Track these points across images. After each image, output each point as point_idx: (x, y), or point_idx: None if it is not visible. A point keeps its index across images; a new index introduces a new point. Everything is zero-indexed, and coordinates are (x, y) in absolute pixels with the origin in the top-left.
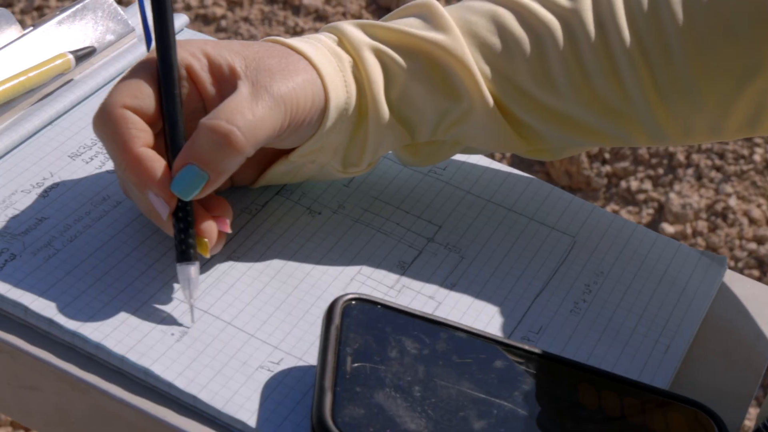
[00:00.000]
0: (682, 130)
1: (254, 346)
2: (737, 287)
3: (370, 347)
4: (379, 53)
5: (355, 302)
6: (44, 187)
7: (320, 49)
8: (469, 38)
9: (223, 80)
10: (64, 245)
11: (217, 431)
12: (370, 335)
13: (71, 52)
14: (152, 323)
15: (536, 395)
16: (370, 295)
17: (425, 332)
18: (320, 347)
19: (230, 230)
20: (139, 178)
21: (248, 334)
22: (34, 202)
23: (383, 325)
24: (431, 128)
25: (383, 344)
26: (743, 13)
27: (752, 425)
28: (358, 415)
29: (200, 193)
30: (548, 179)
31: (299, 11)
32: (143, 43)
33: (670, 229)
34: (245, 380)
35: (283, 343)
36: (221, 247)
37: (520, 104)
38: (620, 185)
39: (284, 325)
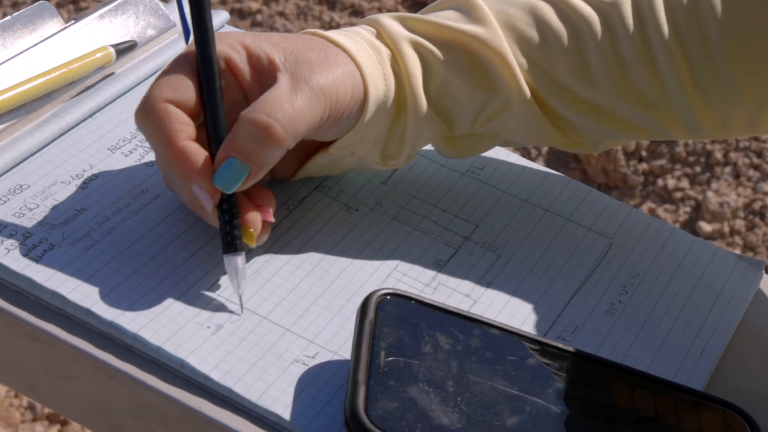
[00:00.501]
0: (719, 123)
1: (289, 340)
2: None
3: (403, 342)
4: (417, 46)
5: (389, 297)
6: (83, 178)
7: (359, 41)
8: (507, 31)
9: (262, 72)
10: (102, 236)
11: (251, 423)
12: (403, 330)
13: (112, 45)
14: (189, 315)
15: (569, 393)
16: (404, 290)
17: (459, 328)
18: (354, 341)
19: (273, 219)
20: (183, 171)
21: (284, 328)
22: (73, 193)
23: (417, 320)
24: (469, 121)
25: (417, 339)
26: None
27: None
28: (391, 408)
29: (242, 185)
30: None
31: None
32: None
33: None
34: (280, 373)
35: (318, 337)
36: (266, 236)
37: (557, 97)
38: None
39: (320, 319)
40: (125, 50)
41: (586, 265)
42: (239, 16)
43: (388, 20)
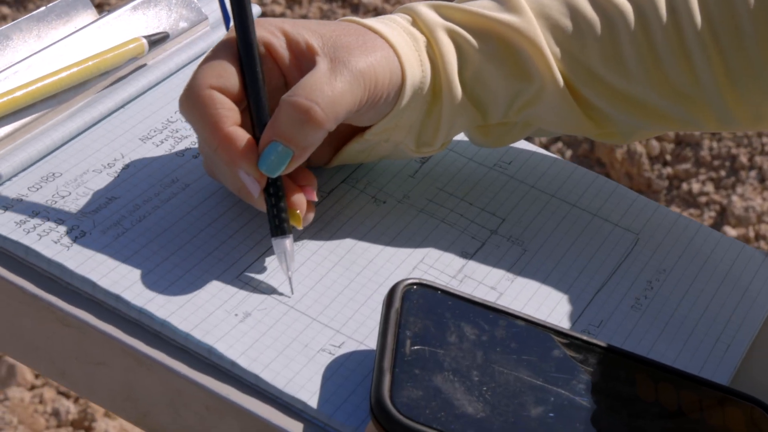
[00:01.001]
0: (752, 115)
1: (316, 329)
2: None
3: (429, 331)
4: (452, 34)
5: (415, 287)
6: (115, 167)
7: (396, 28)
8: (541, 20)
9: (301, 57)
10: (133, 225)
11: (277, 410)
12: (429, 320)
13: (145, 37)
14: (217, 303)
15: (594, 385)
16: (430, 280)
17: (484, 319)
18: (380, 330)
19: (317, 198)
20: (230, 157)
21: (311, 317)
22: (104, 182)
23: (443, 310)
24: (503, 109)
25: (442, 329)
26: None
27: None
28: (416, 396)
29: (287, 168)
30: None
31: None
32: (216, 31)
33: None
34: (307, 362)
35: (345, 327)
36: (312, 216)
37: (590, 87)
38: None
39: (346, 309)
40: (157, 42)
41: (612, 260)
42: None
43: (423, 8)
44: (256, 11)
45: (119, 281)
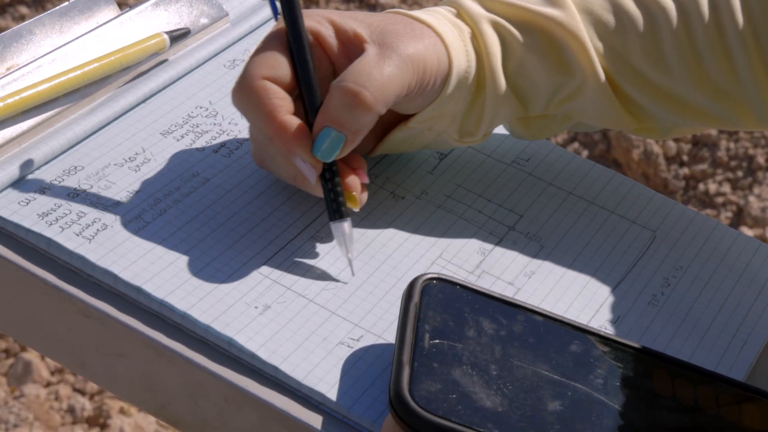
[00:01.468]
0: None
1: (335, 322)
2: None
3: (447, 325)
4: (497, 26)
5: (434, 282)
6: (136, 161)
7: (441, 19)
8: (584, 15)
9: (350, 45)
10: (153, 218)
11: (296, 402)
12: (448, 314)
13: (166, 32)
14: (237, 295)
15: (610, 380)
16: (449, 275)
17: (502, 314)
18: (399, 324)
19: (368, 180)
20: (286, 145)
21: (329, 311)
22: (126, 175)
23: (461, 304)
24: (544, 102)
25: (461, 323)
26: None
27: None
28: (434, 389)
29: (340, 153)
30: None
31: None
32: (236, 27)
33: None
34: (325, 355)
35: (363, 320)
36: (366, 197)
37: (631, 82)
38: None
39: (365, 303)
40: (179, 37)
41: (629, 257)
42: None
43: (468, 1)
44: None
45: (140, 273)
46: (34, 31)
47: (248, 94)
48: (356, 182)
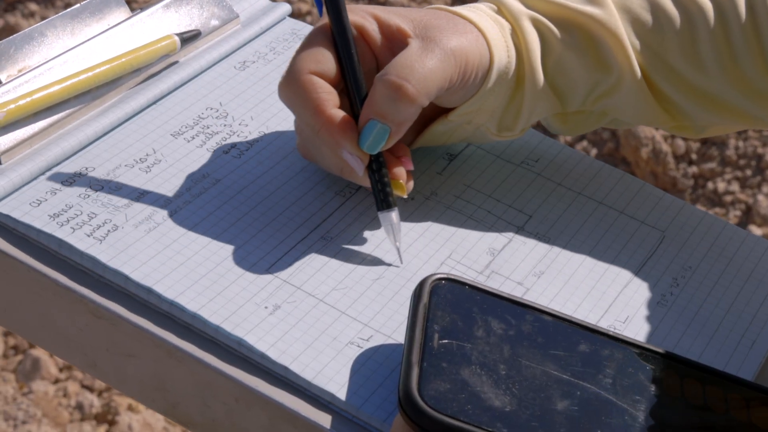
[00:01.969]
0: None
1: (345, 322)
2: None
3: (456, 325)
4: (536, 23)
5: (443, 282)
6: (147, 162)
7: (482, 15)
8: (622, 13)
9: (393, 39)
10: (164, 219)
11: (306, 402)
12: (457, 314)
13: (177, 34)
14: (247, 296)
15: (619, 379)
16: (458, 275)
17: (511, 313)
18: (408, 324)
19: (413, 167)
20: (333, 138)
21: (339, 311)
22: (136, 176)
23: (470, 304)
24: (581, 98)
25: (470, 323)
26: None
27: None
28: (443, 389)
29: (386, 144)
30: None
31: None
32: (247, 29)
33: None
34: (335, 354)
35: (373, 321)
36: (412, 185)
37: (667, 80)
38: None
39: (374, 304)
40: (189, 39)
41: (638, 257)
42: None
43: None
44: (285, 9)
45: (151, 274)
46: (45, 33)
47: (296, 88)
48: (402, 171)
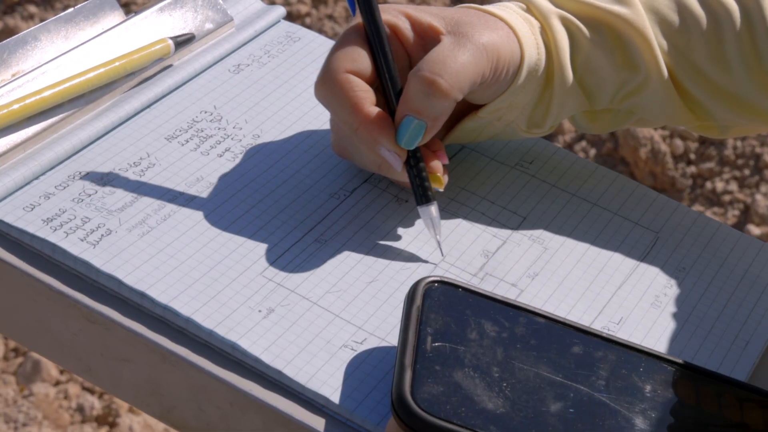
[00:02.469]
0: None
1: (338, 325)
2: None
3: (449, 328)
4: (565, 21)
5: (436, 285)
6: (140, 166)
7: (512, 13)
8: (650, 13)
9: (426, 37)
10: (158, 223)
11: (300, 405)
12: (450, 316)
13: (171, 38)
14: (240, 300)
15: (613, 381)
16: (451, 278)
17: (504, 316)
18: (401, 327)
19: (448, 161)
20: (371, 135)
21: (333, 314)
22: (130, 180)
23: (463, 307)
24: (609, 96)
25: (463, 326)
26: None
27: None
28: (436, 392)
29: (422, 140)
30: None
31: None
32: (241, 32)
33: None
34: (329, 358)
35: (367, 323)
36: (447, 178)
37: (693, 80)
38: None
39: (368, 306)
40: (183, 43)
41: (632, 258)
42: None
43: None
44: (280, 12)
45: (144, 279)
46: (39, 37)
47: (333, 87)
48: (439, 165)
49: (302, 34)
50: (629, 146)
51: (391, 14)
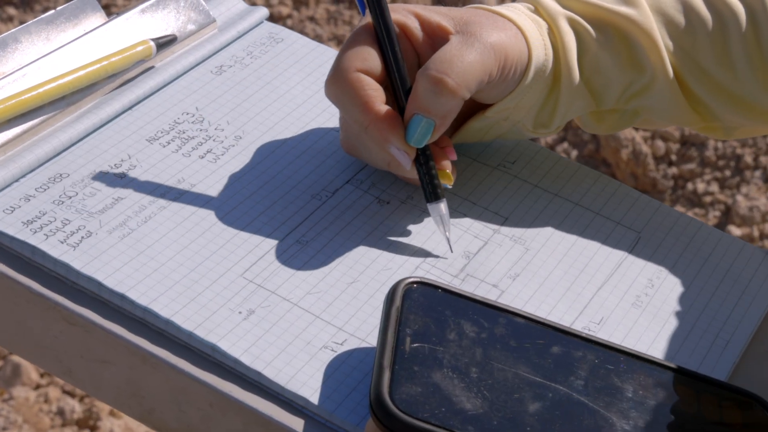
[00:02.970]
0: None
1: (319, 326)
2: None
3: (429, 329)
4: (573, 22)
5: (416, 285)
6: (122, 168)
7: (520, 14)
8: (656, 14)
9: (435, 36)
10: (138, 225)
11: (280, 407)
12: (429, 317)
13: (153, 39)
14: (220, 301)
15: (592, 381)
16: (430, 279)
17: (484, 316)
18: (380, 328)
19: (456, 156)
20: (381, 134)
21: (313, 315)
22: (111, 182)
23: (443, 308)
24: (615, 97)
25: (442, 326)
26: None
27: None
28: (415, 393)
29: (431, 138)
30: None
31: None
32: (224, 33)
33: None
34: (309, 359)
35: (347, 324)
36: (455, 174)
37: (699, 81)
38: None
39: (349, 308)
40: (165, 44)
41: (613, 258)
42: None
43: None
44: (263, 13)
45: (124, 281)
46: (20, 39)
47: (344, 86)
48: (448, 162)
49: (285, 35)
50: (611, 147)
51: (400, 14)
